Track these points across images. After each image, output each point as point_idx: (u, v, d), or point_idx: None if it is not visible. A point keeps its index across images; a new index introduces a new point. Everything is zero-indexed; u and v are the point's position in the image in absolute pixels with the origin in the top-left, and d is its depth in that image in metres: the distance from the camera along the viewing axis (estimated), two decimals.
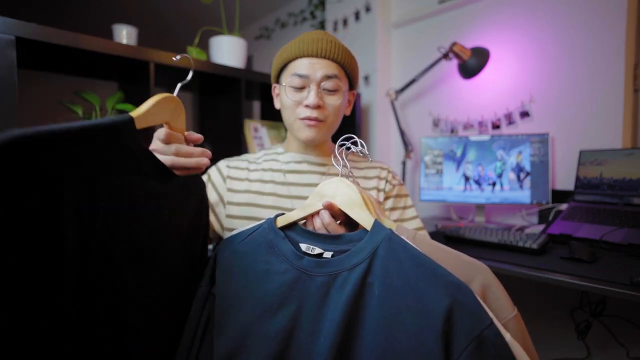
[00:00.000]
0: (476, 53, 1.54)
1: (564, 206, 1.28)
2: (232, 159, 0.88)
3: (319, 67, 0.75)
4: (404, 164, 1.78)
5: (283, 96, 0.79)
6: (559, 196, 1.39)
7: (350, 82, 0.82)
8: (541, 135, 1.39)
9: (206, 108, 1.72)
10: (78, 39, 1.05)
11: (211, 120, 1.68)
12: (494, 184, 1.47)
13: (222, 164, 0.86)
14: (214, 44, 1.50)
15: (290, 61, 0.78)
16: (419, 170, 1.63)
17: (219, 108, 1.61)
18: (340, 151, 0.61)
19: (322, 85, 0.76)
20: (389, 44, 1.97)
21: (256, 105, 2.69)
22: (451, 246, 0.55)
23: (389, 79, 1.98)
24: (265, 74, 1.51)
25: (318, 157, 0.84)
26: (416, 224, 0.85)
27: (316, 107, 0.75)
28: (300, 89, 0.76)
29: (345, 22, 2.05)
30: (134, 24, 1.35)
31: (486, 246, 1.09)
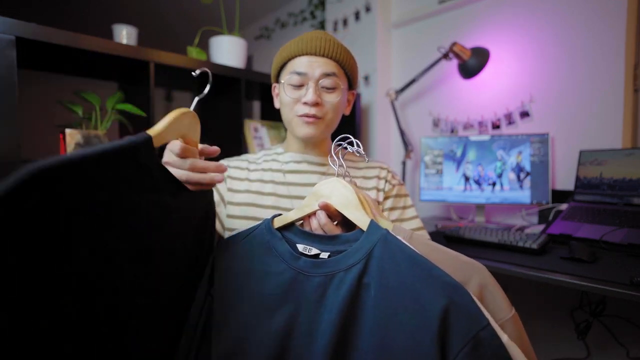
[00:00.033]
0: (476, 53, 1.54)
1: (564, 206, 1.28)
2: (232, 158, 0.88)
3: (318, 65, 0.75)
4: (404, 164, 1.78)
5: (282, 94, 0.79)
6: (559, 196, 1.39)
7: (349, 81, 0.82)
8: (541, 135, 1.39)
9: (206, 108, 1.72)
10: (78, 39, 1.05)
11: (211, 120, 1.68)
12: (494, 184, 1.47)
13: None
14: (214, 44, 1.50)
15: (290, 60, 0.78)
16: (419, 170, 1.63)
17: (219, 108, 1.61)
18: (336, 151, 0.61)
19: (320, 82, 0.76)
20: (389, 44, 1.97)
21: (256, 105, 2.69)
22: (451, 246, 0.54)
23: (389, 79, 1.98)
24: (265, 74, 1.51)
25: (317, 156, 0.84)
26: (416, 223, 0.85)
27: (314, 105, 0.75)
28: (299, 86, 0.76)
29: (345, 22, 2.05)
30: (134, 24, 1.35)
31: (486, 246, 1.09)
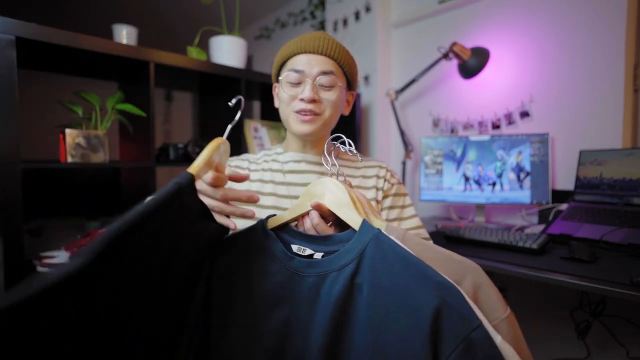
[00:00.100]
0: (476, 53, 1.54)
1: (564, 206, 1.28)
2: (232, 158, 0.88)
3: (316, 63, 0.76)
4: (404, 164, 1.78)
5: (280, 91, 0.79)
6: (559, 196, 1.39)
7: (348, 81, 0.82)
8: (541, 135, 1.39)
9: (206, 108, 1.72)
10: (78, 39, 1.05)
11: (211, 120, 1.68)
12: (494, 184, 1.47)
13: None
14: (214, 44, 1.50)
15: (289, 58, 0.78)
16: (419, 170, 1.63)
17: (219, 108, 1.61)
18: (329, 150, 0.61)
19: (317, 80, 0.76)
20: (389, 44, 1.97)
21: (256, 105, 2.69)
22: (451, 246, 0.54)
23: (389, 79, 1.98)
24: (265, 74, 1.51)
25: (316, 156, 0.84)
26: (415, 222, 0.85)
27: (311, 101, 0.75)
28: (297, 84, 0.77)
29: (345, 22, 2.05)
30: (134, 24, 1.35)
31: (486, 246, 1.09)
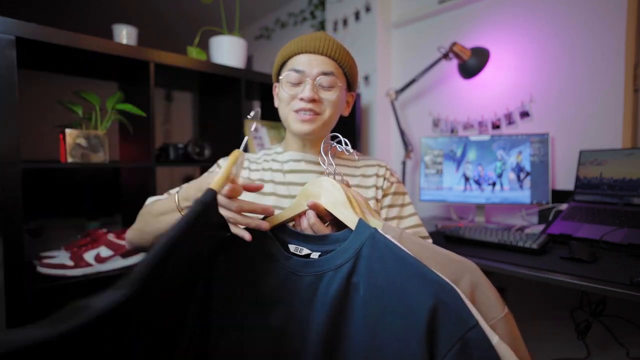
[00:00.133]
0: (476, 53, 1.54)
1: (564, 206, 1.28)
2: None
3: (316, 64, 0.76)
4: (404, 164, 1.78)
5: (280, 91, 0.79)
6: (559, 196, 1.39)
7: (348, 82, 0.82)
8: (541, 135, 1.39)
9: (206, 108, 1.72)
10: (78, 39, 1.05)
11: (211, 120, 1.68)
12: (494, 184, 1.47)
13: (223, 162, 0.86)
14: (214, 44, 1.50)
15: (289, 58, 0.78)
16: (419, 170, 1.63)
17: (219, 108, 1.61)
18: (325, 150, 0.61)
19: (317, 80, 0.76)
20: (389, 44, 1.97)
21: (256, 106, 2.69)
22: (451, 246, 0.54)
23: (389, 79, 1.98)
24: (265, 74, 1.51)
25: (316, 155, 0.84)
26: (414, 220, 0.85)
27: (311, 101, 0.75)
28: (297, 84, 0.77)
29: (345, 22, 2.05)
30: (134, 24, 1.35)
31: (486, 246, 1.09)
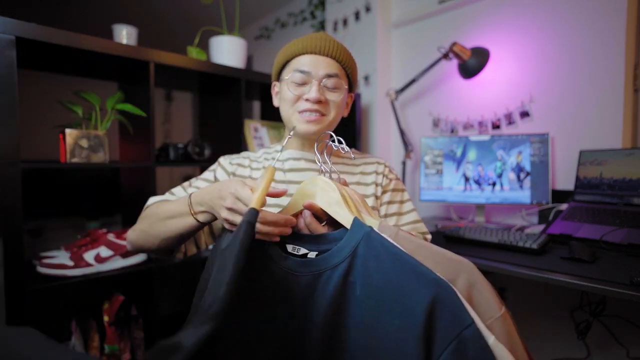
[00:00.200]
0: (476, 53, 1.54)
1: (564, 206, 1.28)
2: (233, 156, 0.88)
3: (322, 66, 0.76)
4: (404, 164, 1.78)
5: (284, 90, 0.79)
6: (559, 196, 1.39)
7: (349, 83, 0.83)
8: (541, 135, 1.39)
9: (206, 108, 1.72)
10: (78, 39, 1.05)
11: (211, 120, 1.68)
12: (494, 184, 1.47)
13: (224, 161, 0.87)
14: (214, 44, 1.50)
15: (293, 58, 0.78)
16: (419, 170, 1.63)
17: (219, 108, 1.61)
18: (320, 149, 0.61)
19: (323, 82, 0.76)
20: (389, 44, 1.96)
21: (256, 105, 2.69)
22: (451, 246, 0.54)
23: (389, 79, 1.98)
24: (265, 74, 1.51)
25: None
26: (413, 216, 0.85)
27: (317, 102, 0.76)
28: (301, 84, 0.77)
29: (345, 22, 2.05)
30: (134, 24, 1.35)
31: (486, 246, 1.09)
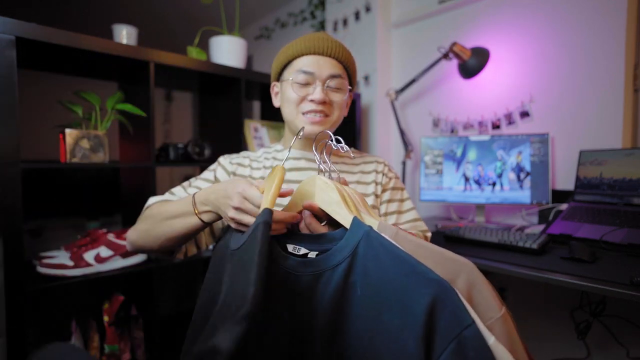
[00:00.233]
0: (476, 53, 1.54)
1: (564, 206, 1.28)
2: (232, 155, 0.88)
3: (325, 66, 0.76)
4: (404, 164, 1.78)
5: (287, 91, 0.79)
6: (559, 196, 1.39)
7: (350, 83, 0.83)
8: (541, 135, 1.39)
9: (206, 108, 1.72)
10: (78, 39, 1.05)
11: (211, 120, 1.68)
12: (494, 184, 1.47)
13: (224, 160, 0.87)
14: (214, 44, 1.50)
15: (295, 58, 0.78)
16: (419, 170, 1.63)
17: (219, 108, 1.61)
18: (320, 148, 0.61)
19: (327, 83, 0.77)
20: (389, 44, 1.96)
21: (256, 105, 2.69)
22: (451, 246, 0.54)
23: (389, 79, 1.98)
24: (265, 74, 1.51)
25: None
26: (413, 214, 0.86)
27: (321, 103, 0.76)
28: (305, 85, 0.77)
29: (345, 22, 2.05)
30: (134, 24, 1.34)
31: (486, 246, 1.09)
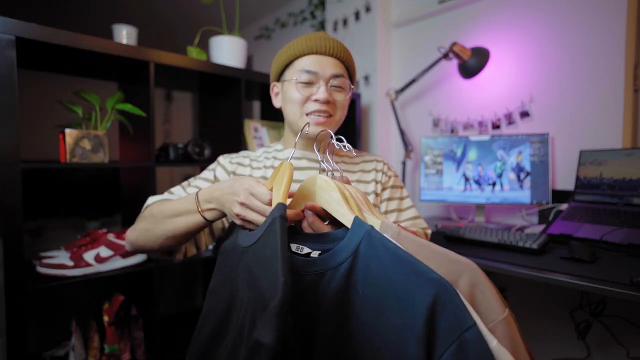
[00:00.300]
0: (476, 53, 1.54)
1: (564, 206, 1.28)
2: (232, 155, 0.88)
3: (328, 66, 0.76)
4: (404, 164, 1.78)
5: (290, 91, 0.78)
6: (559, 196, 1.39)
7: (350, 82, 0.83)
8: (541, 135, 1.39)
9: (206, 108, 1.72)
10: (78, 39, 1.05)
11: (211, 120, 1.68)
12: (494, 184, 1.47)
13: (224, 160, 0.86)
14: (214, 44, 1.50)
15: (297, 58, 0.78)
16: (419, 170, 1.63)
17: (219, 108, 1.61)
18: (322, 147, 0.61)
19: (330, 82, 0.77)
20: (389, 44, 1.96)
21: (256, 105, 2.69)
22: (451, 246, 0.53)
23: (389, 79, 1.98)
24: (265, 74, 1.51)
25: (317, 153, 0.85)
26: (413, 212, 0.86)
27: (326, 102, 0.76)
28: (308, 85, 0.77)
29: (345, 22, 2.05)
30: (134, 24, 1.34)
31: (486, 246, 1.09)
